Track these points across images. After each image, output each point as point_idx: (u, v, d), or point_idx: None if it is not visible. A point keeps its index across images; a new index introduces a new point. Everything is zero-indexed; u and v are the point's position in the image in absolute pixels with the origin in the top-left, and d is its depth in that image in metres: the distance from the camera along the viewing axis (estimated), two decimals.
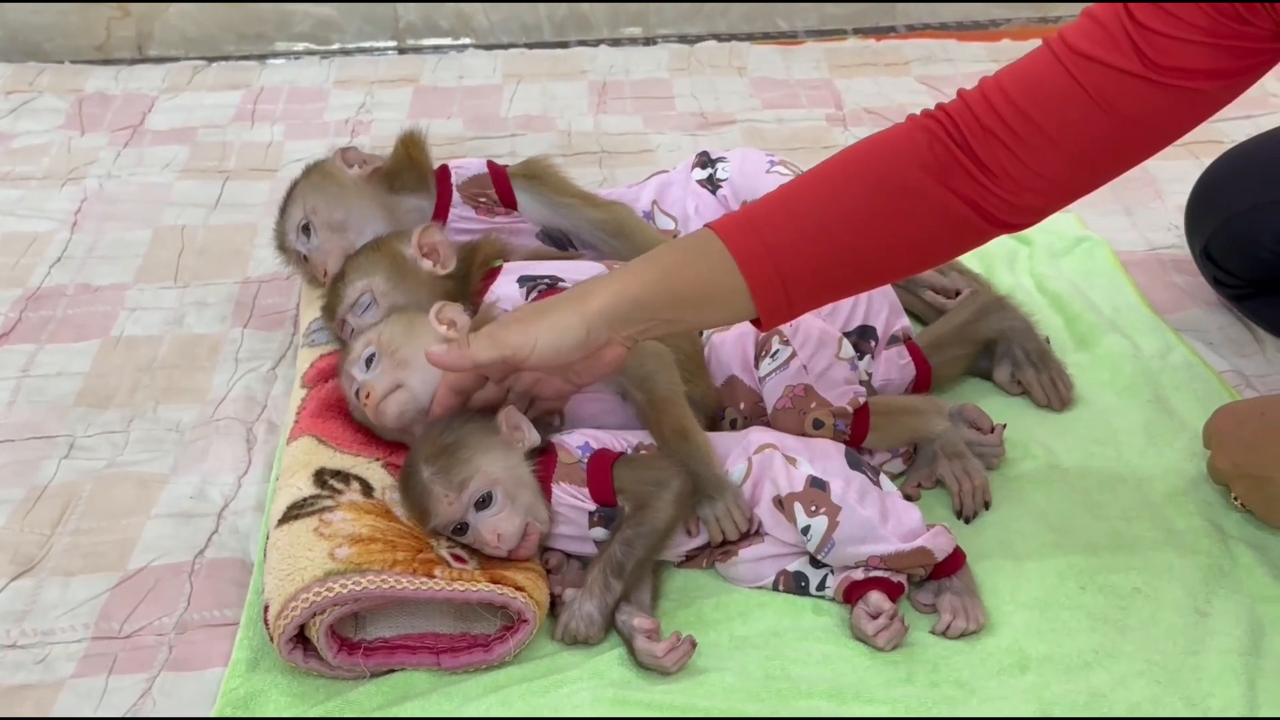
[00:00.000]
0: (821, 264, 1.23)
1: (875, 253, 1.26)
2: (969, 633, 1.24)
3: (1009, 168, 1.22)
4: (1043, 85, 1.22)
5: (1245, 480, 1.32)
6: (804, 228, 1.23)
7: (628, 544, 1.25)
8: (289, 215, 1.61)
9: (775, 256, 1.22)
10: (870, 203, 1.24)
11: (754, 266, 1.21)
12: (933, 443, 1.42)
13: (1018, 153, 1.22)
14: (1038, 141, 1.21)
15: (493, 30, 2.71)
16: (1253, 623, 1.24)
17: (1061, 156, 1.22)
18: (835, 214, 1.23)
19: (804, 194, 1.26)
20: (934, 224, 1.24)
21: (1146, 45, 1.19)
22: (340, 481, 1.31)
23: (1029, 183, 1.22)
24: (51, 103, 2.36)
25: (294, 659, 1.19)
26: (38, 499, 1.45)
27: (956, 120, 1.24)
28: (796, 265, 1.22)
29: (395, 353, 1.35)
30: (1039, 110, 1.21)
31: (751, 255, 1.21)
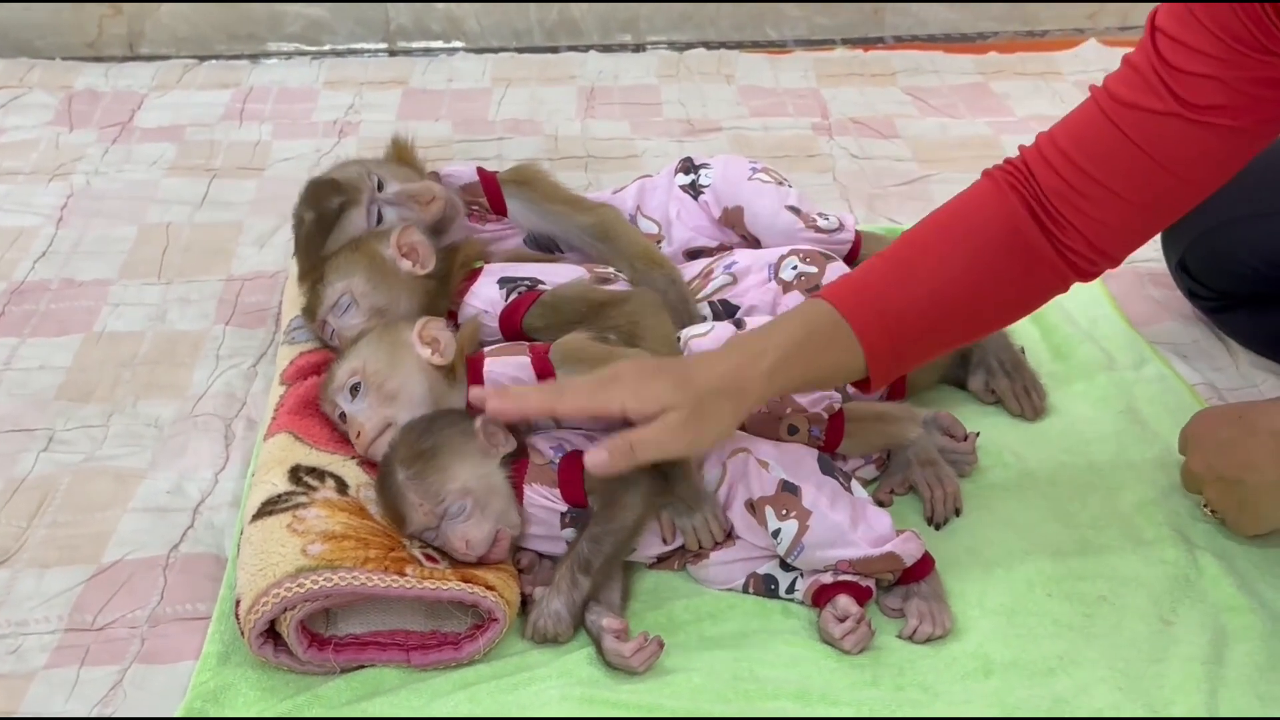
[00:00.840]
0: (931, 331, 1.29)
1: (986, 310, 1.31)
2: (935, 638, 1.25)
3: (1077, 222, 1.25)
4: (1093, 138, 1.25)
5: (1219, 484, 1.34)
6: (914, 300, 1.27)
7: (595, 541, 1.26)
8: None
9: (889, 323, 1.26)
10: (980, 261, 1.27)
11: (876, 355, 1.26)
12: (906, 450, 1.43)
13: (1082, 208, 1.25)
14: (1099, 194, 1.24)
15: (483, 34, 2.72)
16: (1216, 632, 1.25)
17: (1124, 206, 1.25)
18: (947, 276, 1.27)
19: (913, 258, 1.30)
20: (1038, 278, 1.29)
21: (1177, 85, 1.20)
22: (315, 478, 1.32)
23: (1098, 234, 1.26)
24: (41, 98, 2.37)
25: (264, 653, 1.20)
26: (15, 491, 1.46)
27: (1026, 178, 1.27)
28: (912, 336, 1.27)
29: (382, 386, 1.35)
30: (1093, 164, 1.24)
31: (876, 348, 1.26)
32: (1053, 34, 2.81)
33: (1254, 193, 1.62)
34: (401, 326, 1.40)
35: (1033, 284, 1.30)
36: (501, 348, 1.43)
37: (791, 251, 1.56)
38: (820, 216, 1.65)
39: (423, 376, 1.36)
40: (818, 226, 1.65)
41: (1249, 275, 1.63)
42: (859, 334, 1.25)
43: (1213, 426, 1.35)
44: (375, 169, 1.56)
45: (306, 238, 1.54)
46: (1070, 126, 1.27)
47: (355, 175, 1.55)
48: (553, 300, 1.49)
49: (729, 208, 1.65)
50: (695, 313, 1.54)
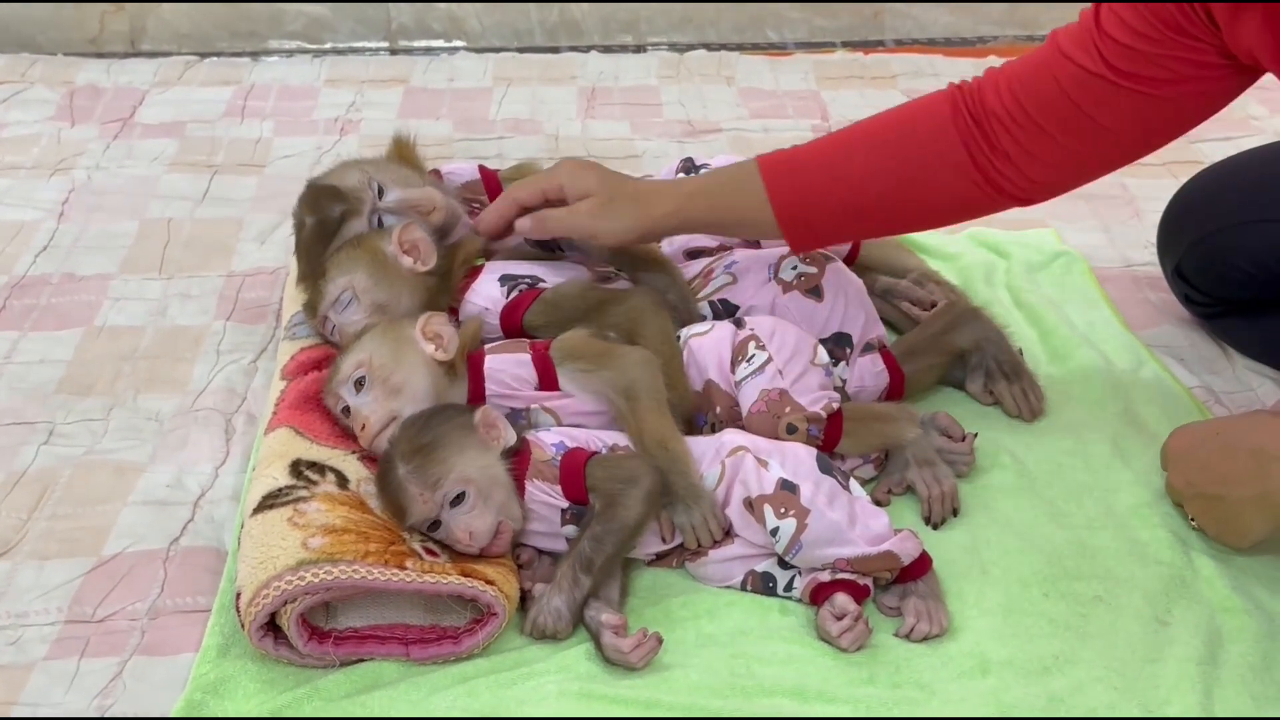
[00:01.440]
0: (848, 210, 1.43)
1: (897, 206, 1.43)
2: (932, 636, 1.26)
3: (1013, 153, 1.37)
4: (1035, 80, 1.37)
5: (1199, 500, 1.35)
6: (837, 178, 1.41)
7: (597, 540, 1.27)
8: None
9: (806, 201, 1.42)
10: (893, 165, 1.41)
11: (787, 210, 1.42)
12: (904, 450, 1.44)
13: (1018, 138, 1.37)
14: (1033, 129, 1.36)
15: (485, 34, 2.73)
16: (1211, 632, 1.26)
17: (1054, 145, 1.37)
18: (865, 171, 1.41)
19: (842, 147, 1.44)
20: (952, 188, 1.41)
21: (1106, 50, 1.31)
22: (316, 473, 1.33)
23: (1028, 164, 1.38)
24: (43, 94, 2.38)
25: (264, 646, 1.21)
26: (16, 484, 1.46)
27: (973, 97, 1.39)
28: (825, 210, 1.43)
29: (387, 380, 1.36)
30: (1031, 103, 1.36)
31: (786, 201, 1.42)
32: None
33: (1249, 199, 1.64)
34: (405, 323, 1.41)
35: (948, 192, 1.41)
36: (502, 345, 1.44)
37: (791, 251, 1.56)
38: None
39: (426, 371, 1.37)
40: None
41: (1244, 281, 1.64)
42: (770, 196, 1.42)
43: (1191, 444, 1.36)
44: (376, 173, 1.56)
45: (307, 243, 1.55)
46: (1022, 66, 1.39)
47: (356, 184, 1.55)
48: (553, 298, 1.49)
49: None
50: (695, 312, 1.55)
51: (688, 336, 1.47)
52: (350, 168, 1.59)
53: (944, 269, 1.79)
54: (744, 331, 1.44)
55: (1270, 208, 1.60)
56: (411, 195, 1.55)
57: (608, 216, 1.43)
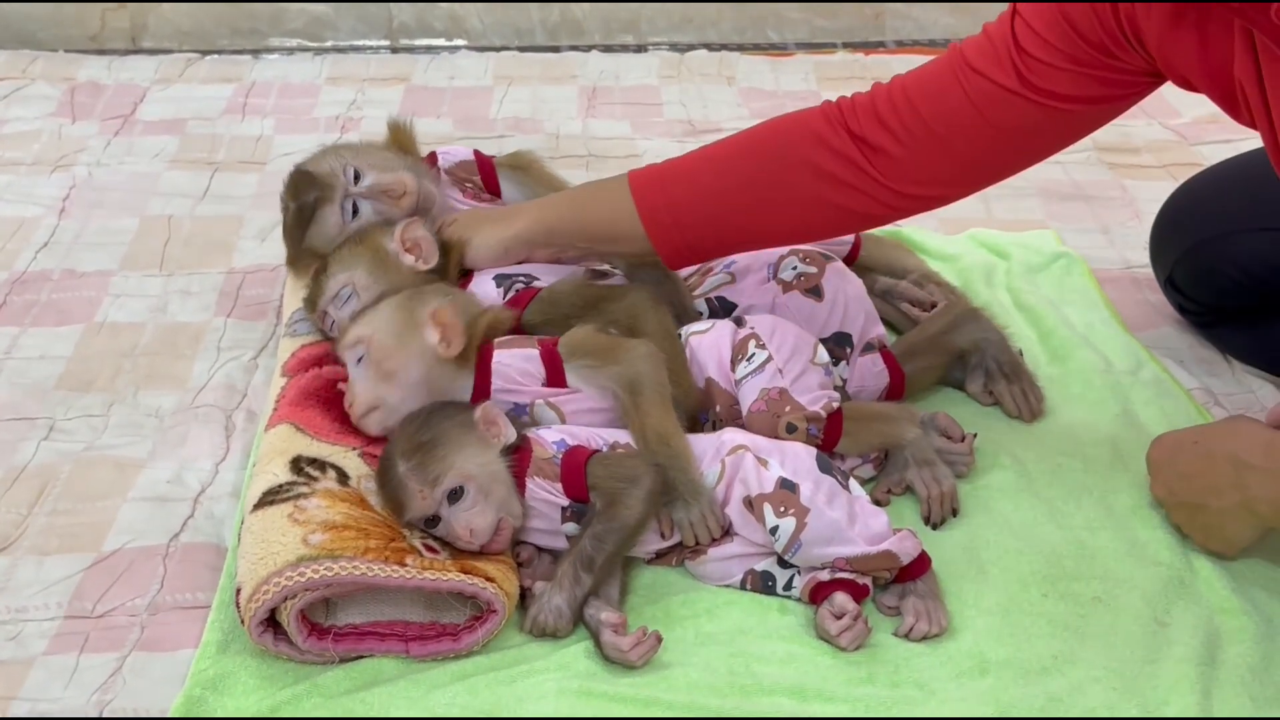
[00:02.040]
0: (714, 223, 1.43)
1: (759, 221, 1.42)
2: (931, 636, 1.26)
3: (896, 158, 1.36)
4: (937, 90, 1.35)
5: (1183, 509, 1.35)
6: (703, 189, 1.42)
7: (598, 539, 1.27)
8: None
9: (676, 212, 1.42)
10: (758, 176, 1.41)
11: (654, 220, 1.42)
12: (904, 449, 1.44)
13: (908, 145, 1.35)
14: (926, 140, 1.35)
15: (485, 33, 2.73)
16: (1210, 633, 1.26)
17: (948, 156, 1.36)
18: (730, 182, 1.42)
19: (711, 158, 1.44)
20: (809, 203, 1.40)
21: (1025, 68, 1.30)
22: (316, 469, 1.33)
23: (914, 175, 1.37)
24: (44, 90, 2.38)
25: (264, 642, 1.21)
26: (16, 479, 1.46)
27: (857, 109, 1.37)
28: (694, 221, 1.42)
29: (382, 363, 1.36)
30: (930, 113, 1.34)
31: (653, 210, 1.42)
32: None
33: (1236, 208, 1.64)
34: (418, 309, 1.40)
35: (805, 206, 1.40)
36: (511, 340, 1.44)
37: (791, 251, 1.56)
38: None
39: (422, 362, 1.37)
40: None
41: (1235, 290, 1.64)
42: (643, 217, 1.42)
43: (1172, 453, 1.36)
44: (353, 159, 1.58)
45: (288, 228, 1.61)
46: (921, 76, 1.37)
47: (330, 170, 1.57)
48: (550, 296, 1.49)
49: None
50: (691, 309, 1.55)
51: (688, 334, 1.47)
52: (329, 153, 1.61)
53: (944, 270, 1.80)
54: (744, 330, 1.45)
55: (1257, 216, 1.60)
56: (384, 180, 1.56)
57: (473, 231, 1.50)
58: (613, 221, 1.44)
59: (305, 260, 1.59)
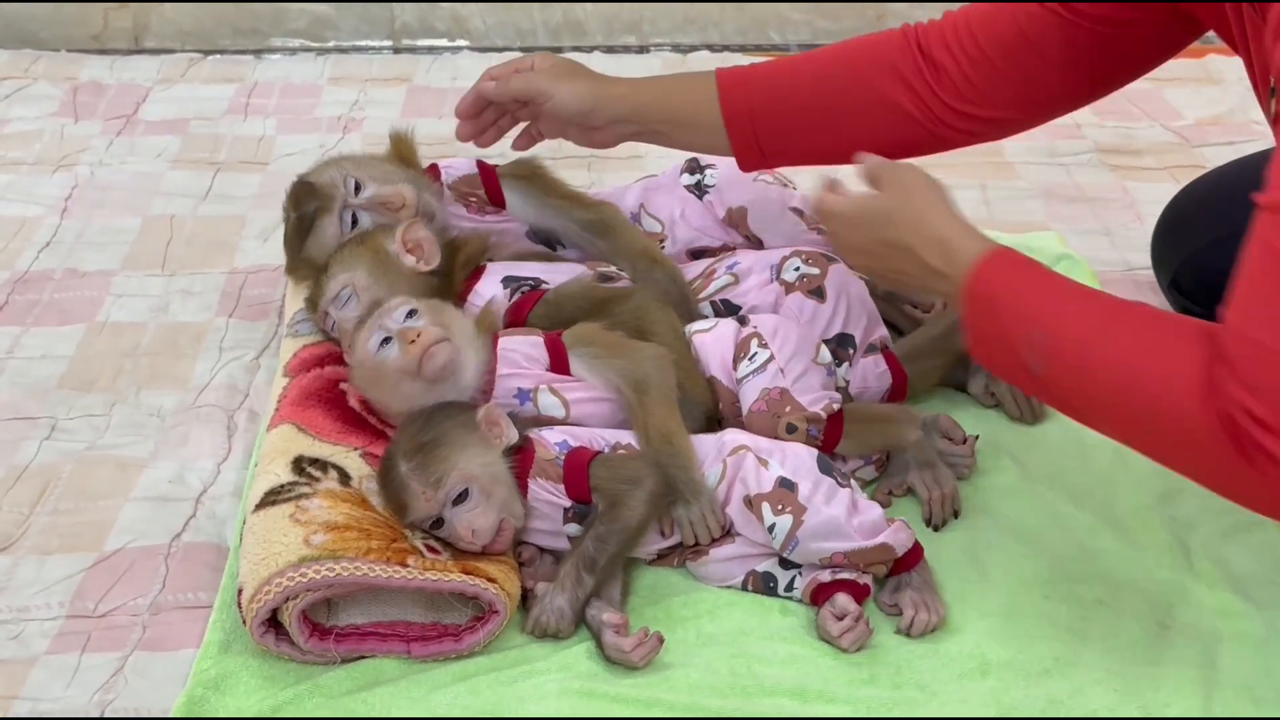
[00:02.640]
0: (790, 133, 1.50)
1: (833, 138, 1.49)
2: (932, 625, 1.26)
3: (955, 78, 1.43)
4: (995, 20, 1.42)
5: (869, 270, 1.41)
6: (783, 99, 1.49)
7: (600, 540, 1.27)
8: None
9: (755, 120, 1.49)
10: (835, 94, 1.48)
11: (734, 123, 1.49)
12: (906, 452, 1.44)
13: (964, 67, 1.42)
14: (981, 62, 1.42)
15: (488, 33, 2.73)
16: (1212, 637, 1.26)
17: (1004, 81, 1.42)
18: (808, 98, 1.48)
19: (794, 71, 1.51)
20: (885, 120, 1.46)
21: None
22: (318, 469, 1.33)
23: (972, 95, 1.43)
24: (46, 90, 2.38)
25: (266, 642, 1.21)
26: (17, 478, 1.46)
27: (929, 33, 1.46)
28: (771, 129, 1.49)
29: (438, 314, 1.38)
30: (986, 37, 1.42)
31: (735, 110, 1.49)
32: None
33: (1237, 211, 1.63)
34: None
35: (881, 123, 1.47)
36: (514, 329, 1.44)
37: (794, 252, 1.56)
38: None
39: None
40: (820, 228, 1.66)
41: None
42: (722, 102, 1.49)
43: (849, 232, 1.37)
44: (354, 171, 1.57)
45: (287, 237, 1.60)
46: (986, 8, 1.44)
47: (330, 181, 1.57)
48: (556, 299, 1.50)
49: (733, 208, 1.66)
50: (696, 311, 1.55)
51: (692, 333, 1.47)
52: (329, 165, 1.60)
53: None
54: (747, 329, 1.45)
55: None
56: (383, 192, 1.56)
57: (563, 81, 1.53)
58: (696, 112, 1.50)
59: (303, 270, 1.59)
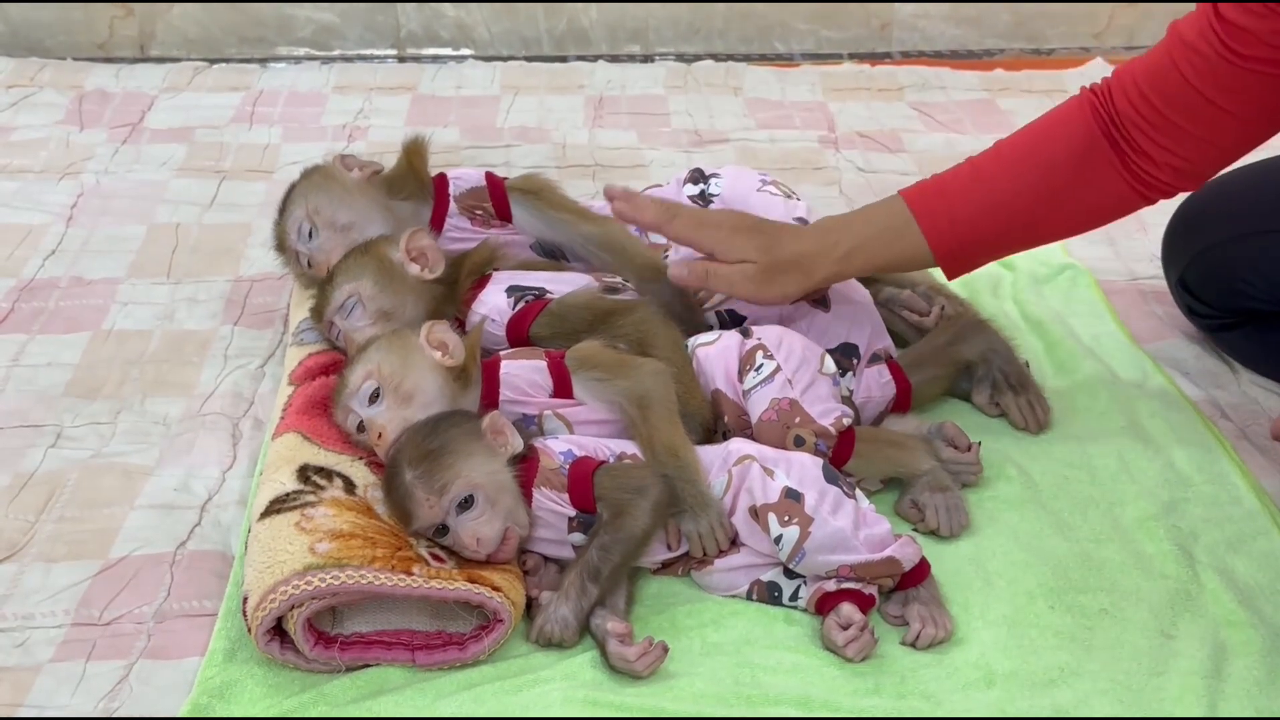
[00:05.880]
0: (1004, 231, 1.48)
1: (1051, 218, 1.48)
2: (939, 640, 1.26)
3: (1148, 148, 1.41)
4: (1159, 74, 1.41)
5: None
6: (988, 204, 1.45)
7: (605, 550, 1.27)
8: (290, 215, 1.60)
9: (959, 232, 1.46)
10: (1048, 172, 1.45)
11: (944, 247, 1.46)
12: (919, 478, 1.43)
13: (1154, 136, 1.41)
14: (1166, 126, 1.40)
15: (493, 42, 2.74)
16: (1216, 646, 1.26)
17: (1187, 137, 1.41)
18: (1017, 186, 1.45)
19: (990, 167, 1.47)
20: (1104, 191, 1.45)
21: (1223, 32, 1.36)
22: (323, 478, 1.33)
23: (1171, 160, 1.42)
24: (52, 98, 2.38)
25: (270, 650, 1.21)
26: (23, 486, 1.46)
27: (1107, 100, 1.43)
28: (981, 236, 1.47)
29: (398, 388, 1.35)
30: (1159, 98, 1.40)
31: (943, 238, 1.46)
32: (1059, 52, 2.83)
33: (1256, 211, 1.64)
34: (407, 332, 1.41)
35: (1101, 200, 1.46)
36: (518, 351, 1.44)
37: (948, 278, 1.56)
38: None
39: (436, 376, 1.37)
40: None
41: (1249, 293, 1.64)
42: (926, 234, 1.45)
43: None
44: (317, 213, 1.58)
45: None
46: (1146, 62, 1.43)
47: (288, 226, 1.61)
48: (559, 309, 1.49)
49: None
50: (702, 322, 1.55)
51: (695, 346, 1.47)
52: (297, 201, 1.61)
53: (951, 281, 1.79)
54: (751, 341, 1.45)
55: (1275, 219, 1.60)
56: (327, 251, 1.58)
57: (771, 285, 1.45)
58: (903, 256, 1.49)
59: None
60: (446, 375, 1.37)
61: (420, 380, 1.36)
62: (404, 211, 1.63)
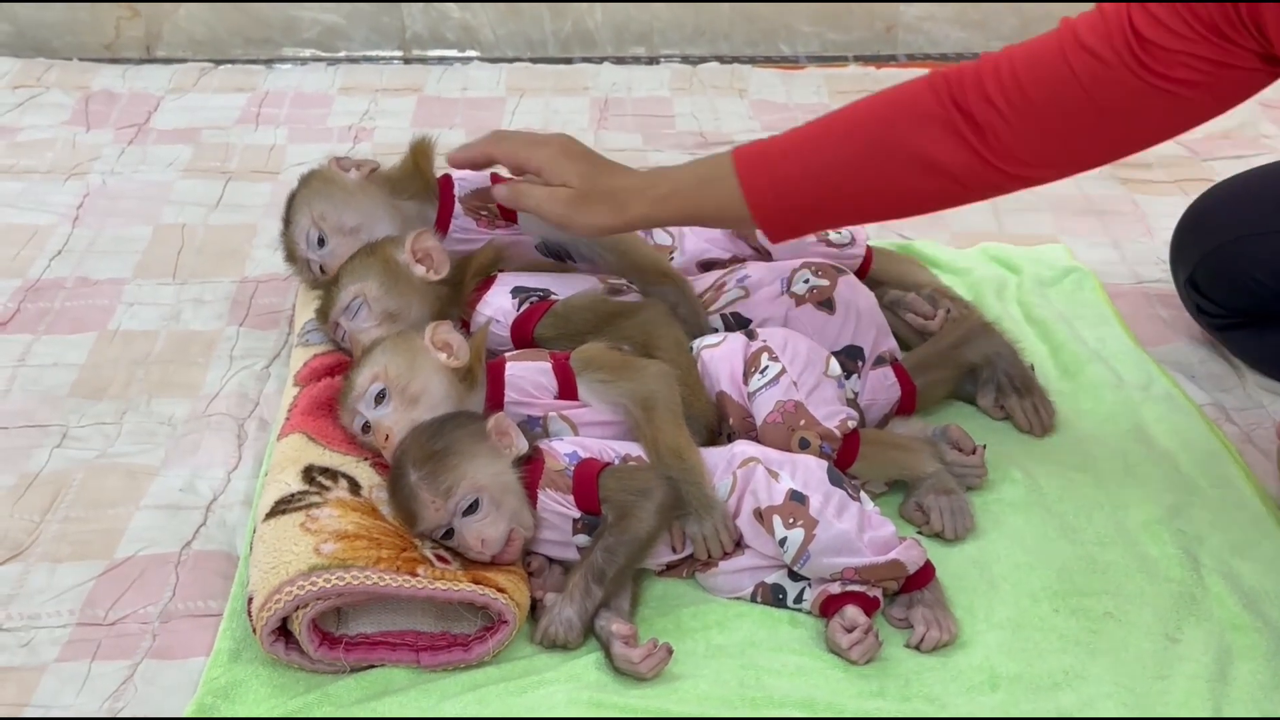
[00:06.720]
0: (826, 202, 1.42)
1: (866, 197, 1.42)
2: (943, 643, 1.26)
3: (1002, 134, 1.34)
4: (1044, 67, 1.33)
5: None
6: (814, 171, 1.40)
7: (609, 551, 1.27)
8: (296, 224, 1.60)
9: (782, 194, 1.41)
10: (865, 157, 1.39)
11: (763, 207, 1.41)
12: (924, 481, 1.43)
13: (1012, 122, 1.33)
14: (1031, 117, 1.33)
15: (498, 44, 2.74)
16: (1221, 650, 1.26)
17: (1051, 135, 1.34)
18: (837, 160, 1.40)
19: (816, 137, 1.43)
20: (922, 178, 1.38)
21: (1136, 46, 1.29)
22: (328, 479, 1.33)
23: (1019, 152, 1.35)
24: (58, 98, 2.39)
25: (275, 651, 1.21)
26: (29, 486, 1.47)
27: (963, 83, 1.36)
28: (802, 202, 1.41)
29: (405, 390, 1.36)
30: (1036, 89, 1.33)
31: (762, 198, 1.41)
32: None
33: (1266, 210, 1.64)
34: (413, 334, 1.41)
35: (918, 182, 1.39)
36: (523, 353, 1.44)
37: (804, 264, 1.57)
38: (833, 230, 1.67)
39: (442, 379, 1.37)
40: (829, 240, 1.66)
41: (1258, 292, 1.63)
42: (745, 193, 1.40)
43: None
44: (321, 220, 1.58)
45: None
46: (1029, 51, 1.35)
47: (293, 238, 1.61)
48: (564, 310, 1.50)
49: None
50: (706, 324, 1.55)
51: (700, 348, 1.47)
52: (301, 209, 1.60)
53: (955, 283, 1.80)
54: (756, 343, 1.45)
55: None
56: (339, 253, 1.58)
57: (582, 211, 1.43)
58: (720, 208, 1.44)
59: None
60: (452, 377, 1.37)
61: (427, 382, 1.36)
62: (409, 211, 1.64)
